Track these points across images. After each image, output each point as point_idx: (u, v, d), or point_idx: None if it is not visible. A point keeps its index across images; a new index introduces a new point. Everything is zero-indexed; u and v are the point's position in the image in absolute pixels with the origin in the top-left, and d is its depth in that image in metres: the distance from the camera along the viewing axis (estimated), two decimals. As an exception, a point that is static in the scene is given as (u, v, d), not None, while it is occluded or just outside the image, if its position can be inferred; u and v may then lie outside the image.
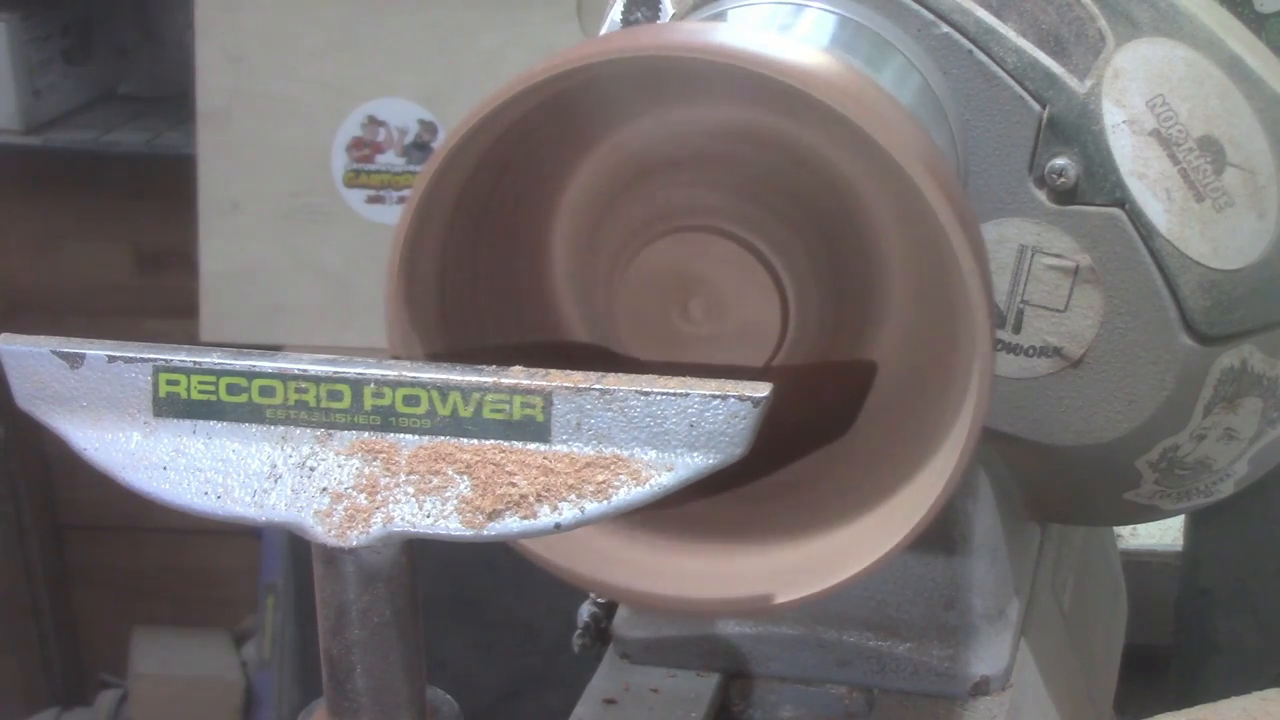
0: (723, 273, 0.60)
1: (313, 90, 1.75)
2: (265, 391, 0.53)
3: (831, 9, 0.67)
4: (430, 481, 0.52)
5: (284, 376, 0.52)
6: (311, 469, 0.52)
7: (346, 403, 0.52)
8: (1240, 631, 1.43)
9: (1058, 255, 0.70)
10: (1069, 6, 0.70)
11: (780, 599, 0.57)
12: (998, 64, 0.69)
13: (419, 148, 1.76)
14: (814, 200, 0.61)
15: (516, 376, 0.52)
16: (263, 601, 1.93)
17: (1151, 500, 0.76)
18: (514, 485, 0.51)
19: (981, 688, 0.74)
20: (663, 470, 0.51)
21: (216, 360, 0.53)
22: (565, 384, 0.51)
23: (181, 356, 0.53)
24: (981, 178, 0.70)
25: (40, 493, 2.28)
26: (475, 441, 0.52)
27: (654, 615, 0.76)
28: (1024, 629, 0.77)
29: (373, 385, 0.52)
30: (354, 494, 0.52)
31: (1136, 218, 0.69)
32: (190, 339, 1.71)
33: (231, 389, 0.53)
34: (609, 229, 0.62)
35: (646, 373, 0.52)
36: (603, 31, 0.73)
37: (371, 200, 1.78)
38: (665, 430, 0.51)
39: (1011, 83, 0.69)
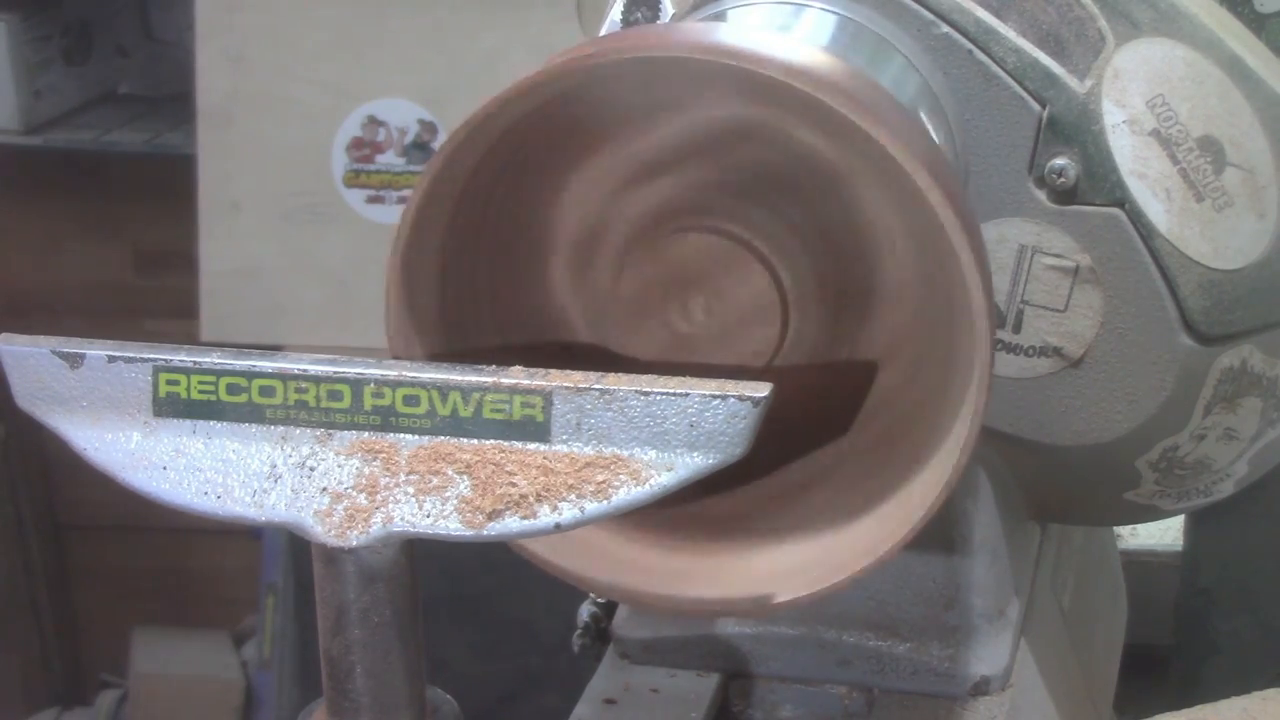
0: (722, 272, 0.60)
1: (313, 90, 1.75)
2: (265, 391, 0.53)
3: (831, 9, 0.67)
4: (430, 481, 0.52)
5: (284, 376, 0.52)
6: (311, 469, 0.52)
7: (346, 403, 0.52)
8: (1240, 631, 1.43)
9: (1058, 255, 0.70)
10: (1069, 6, 0.70)
11: (780, 599, 0.57)
12: (998, 64, 0.69)
13: (419, 148, 1.76)
14: (814, 200, 0.61)
15: (516, 376, 0.52)
16: (263, 601, 1.93)
17: (1151, 500, 0.76)
18: (514, 485, 0.51)
19: (981, 688, 0.74)
20: (663, 470, 0.51)
21: (216, 360, 0.53)
22: (565, 384, 0.51)
23: (181, 356, 0.53)
24: (981, 178, 0.70)
25: (40, 493, 2.28)
26: (475, 441, 0.52)
27: (654, 615, 0.76)
28: (1024, 629, 0.77)
29: (373, 385, 0.52)
30: (354, 494, 0.52)
31: (1136, 218, 0.69)
32: (190, 339, 1.71)
33: (231, 389, 0.53)
34: (609, 229, 0.62)
35: (646, 373, 0.52)
36: (603, 31, 0.73)
37: (371, 200, 1.78)
38: (665, 430, 0.51)
39: (1011, 83, 0.69)
